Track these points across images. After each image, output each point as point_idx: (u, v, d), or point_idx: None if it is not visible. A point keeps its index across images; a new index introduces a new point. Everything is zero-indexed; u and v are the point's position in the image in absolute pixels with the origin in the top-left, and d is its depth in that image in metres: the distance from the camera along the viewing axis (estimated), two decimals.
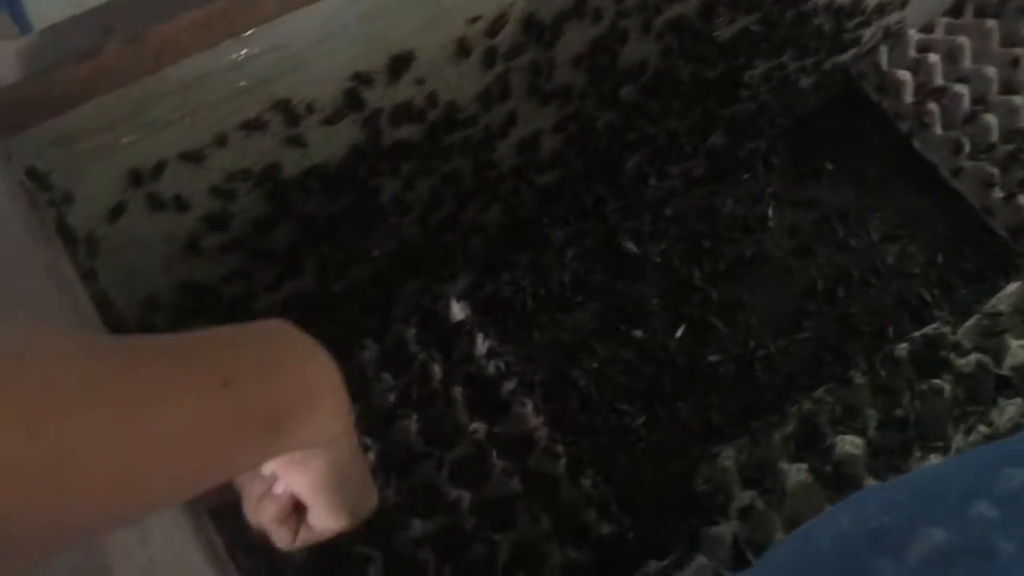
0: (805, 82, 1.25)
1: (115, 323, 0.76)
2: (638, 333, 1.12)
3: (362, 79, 0.83)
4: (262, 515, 0.55)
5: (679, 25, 1.01)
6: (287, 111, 0.81)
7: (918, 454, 0.97)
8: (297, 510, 0.55)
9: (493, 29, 0.88)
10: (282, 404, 0.44)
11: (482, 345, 1.05)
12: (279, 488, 0.54)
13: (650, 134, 1.12)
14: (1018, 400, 1.01)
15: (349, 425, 0.50)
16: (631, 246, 1.19)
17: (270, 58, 0.76)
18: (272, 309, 0.95)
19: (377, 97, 0.86)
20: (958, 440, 0.98)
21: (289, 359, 0.46)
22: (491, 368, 1.03)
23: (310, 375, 0.47)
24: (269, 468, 0.51)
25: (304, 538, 0.56)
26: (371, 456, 0.96)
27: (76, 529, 0.36)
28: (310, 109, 0.83)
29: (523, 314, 1.13)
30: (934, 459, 0.96)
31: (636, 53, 1.01)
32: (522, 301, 1.14)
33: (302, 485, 0.51)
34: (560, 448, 0.98)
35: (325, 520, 0.54)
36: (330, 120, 0.85)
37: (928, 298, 1.13)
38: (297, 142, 0.84)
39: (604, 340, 1.12)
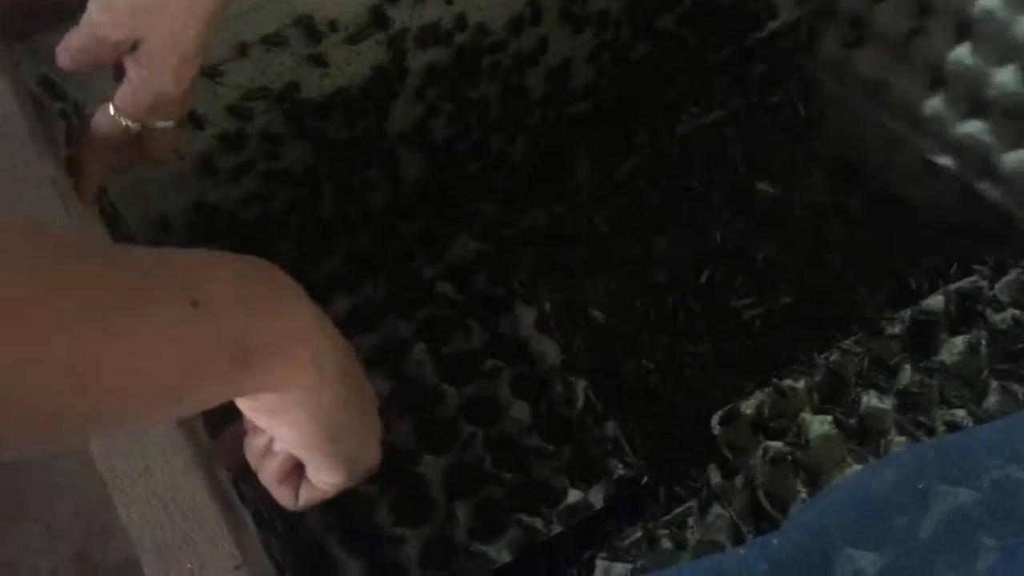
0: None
1: (125, 241, 0.75)
2: (661, 276, 1.10)
3: None
4: (263, 473, 0.54)
5: None
6: (308, 27, 0.78)
7: (947, 409, 0.95)
8: (299, 469, 0.54)
9: None
10: (251, 338, 0.43)
11: (500, 280, 1.03)
12: (278, 445, 0.53)
13: (685, 66, 1.08)
14: None
15: (332, 377, 0.48)
16: (661, 184, 1.15)
17: None
18: (287, 234, 0.93)
19: (403, 16, 0.83)
20: (991, 397, 0.95)
21: (265, 297, 0.45)
22: (509, 304, 1.01)
23: (285, 319, 0.46)
24: (260, 420, 0.50)
25: (307, 497, 0.55)
26: (382, 391, 0.95)
27: (41, 426, 0.35)
28: (333, 27, 0.80)
29: (544, 251, 1.10)
30: (963, 415, 0.93)
31: None
32: (544, 237, 1.11)
33: (288, 438, 0.50)
34: (577, 389, 0.96)
35: (320, 474, 0.53)
36: (353, 39, 0.82)
37: (964, 250, 1.09)
38: (318, 61, 0.81)
39: (627, 282, 1.09)
